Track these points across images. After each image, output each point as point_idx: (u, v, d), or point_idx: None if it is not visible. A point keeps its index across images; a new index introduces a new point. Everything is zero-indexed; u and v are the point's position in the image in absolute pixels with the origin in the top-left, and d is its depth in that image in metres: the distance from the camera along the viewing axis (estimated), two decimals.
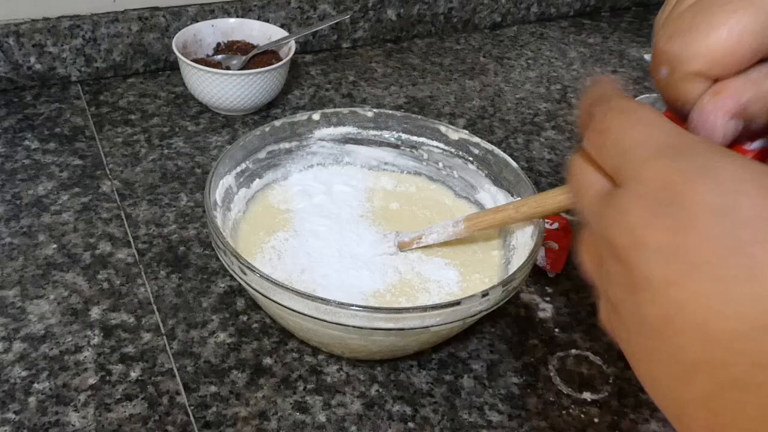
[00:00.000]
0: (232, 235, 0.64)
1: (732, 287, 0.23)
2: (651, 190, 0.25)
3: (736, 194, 0.24)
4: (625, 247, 0.26)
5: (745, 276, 0.23)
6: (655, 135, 0.27)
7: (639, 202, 0.26)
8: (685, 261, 0.24)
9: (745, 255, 0.23)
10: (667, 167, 0.25)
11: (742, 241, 0.23)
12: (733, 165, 0.24)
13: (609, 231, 0.27)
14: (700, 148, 0.25)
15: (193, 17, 0.92)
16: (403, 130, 0.72)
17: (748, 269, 0.23)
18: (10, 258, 0.67)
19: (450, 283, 0.63)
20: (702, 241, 0.24)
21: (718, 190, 0.24)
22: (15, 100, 0.87)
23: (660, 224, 0.25)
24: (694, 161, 0.25)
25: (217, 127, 0.86)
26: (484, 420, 0.58)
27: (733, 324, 0.23)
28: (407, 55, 1.06)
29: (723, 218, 0.23)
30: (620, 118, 0.28)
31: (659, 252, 0.25)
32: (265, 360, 0.60)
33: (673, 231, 0.24)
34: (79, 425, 0.54)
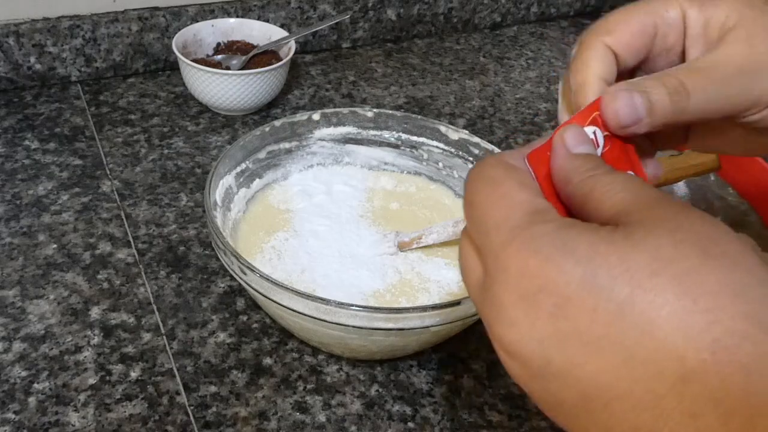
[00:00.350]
0: (232, 235, 0.64)
1: (636, 350, 0.23)
2: (515, 280, 0.25)
3: (596, 261, 0.24)
4: (513, 342, 0.26)
5: (640, 334, 0.23)
6: (512, 215, 0.27)
7: (510, 294, 0.26)
8: (579, 341, 0.24)
9: (632, 314, 0.23)
10: (523, 253, 0.25)
11: (619, 302, 0.23)
12: (583, 233, 0.25)
13: (493, 326, 0.27)
14: (549, 226, 0.26)
15: (193, 17, 0.92)
16: (403, 130, 0.72)
17: (641, 326, 0.23)
18: (10, 258, 0.67)
19: (450, 283, 0.63)
20: (586, 317, 0.24)
21: (578, 263, 0.24)
22: (15, 100, 0.87)
23: (539, 314, 0.25)
24: (548, 241, 0.25)
25: (217, 127, 0.86)
26: (484, 420, 0.58)
27: (653, 386, 0.23)
28: (407, 55, 1.06)
29: (595, 288, 0.24)
30: (486, 193, 0.28)
31: (548, 340, 0.25)
32: (265, 360, 0.60)
33: (554, 317, 0.24)
34: (79, 425, 0.54)
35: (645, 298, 0.23)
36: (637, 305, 0.23)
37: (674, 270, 0.23)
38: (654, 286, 0.23)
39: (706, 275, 0.23)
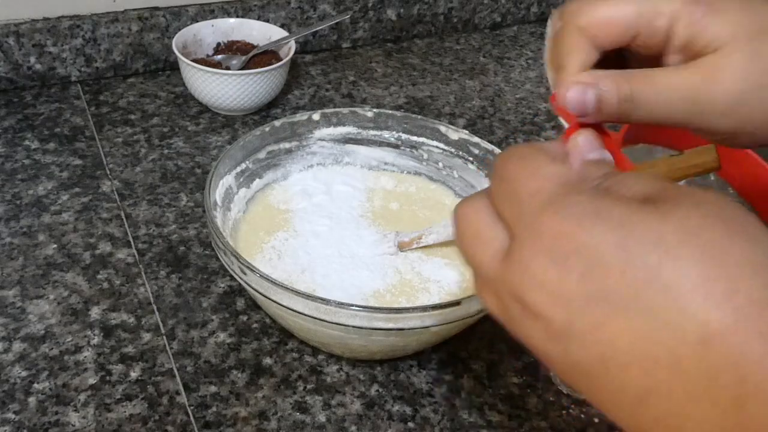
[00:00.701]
0: (232, 235, 0.64)
1: (659, 313, 0.24)
2: (549, 243, 0.26)
3: (627, 228, 0.25)
4: (538, 303, 0.27)
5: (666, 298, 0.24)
6: (545, 185, 0.28)
7: (541, 257, 0.27)
8: (606, 302, 0.25)
9: (660, 279, 0.24)
10: (557, 218, 0.27)
11: (651, 267, 0.24)
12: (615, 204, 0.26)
13: (517, 288, 0.28)
14: (586, 195, 0.27)
15: (193, 17, 0.92)
16: (403, 130, 0.72)
17: (668, 291, 0.24)
18: (10, 258, 0.67)
19: (450, 283, 0.63)
20: (615, 280, 0.25)
21: (611, 229, 0.25)
22: (15, 100, 0.87)
23: (570, 275, 0.26)
24: (582, 208, 0.26)
25: (217, 127, 0.86)
26: (484, 420, 0.58)
27: (674, 347, 0.24)
28: (407, 55, 1.06)
29: (625, 253, 0.25)
30: (518, 167, 0.30)
31: (575, 301, 0.26)
32: (265, 360, 0.60)
33: (584, 278, 0.25)
34: (79, 425, 0.54)
35: (673, 265, 0.24)
36: (664, 271, 0.24)
37: (701, 241, 0.24)
38: (682, 255, 0.24)
39: (729, 248, 0.24)
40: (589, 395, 0.28)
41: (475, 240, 0.30)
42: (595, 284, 0.25)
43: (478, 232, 0.30)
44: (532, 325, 0.28)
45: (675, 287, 0.24)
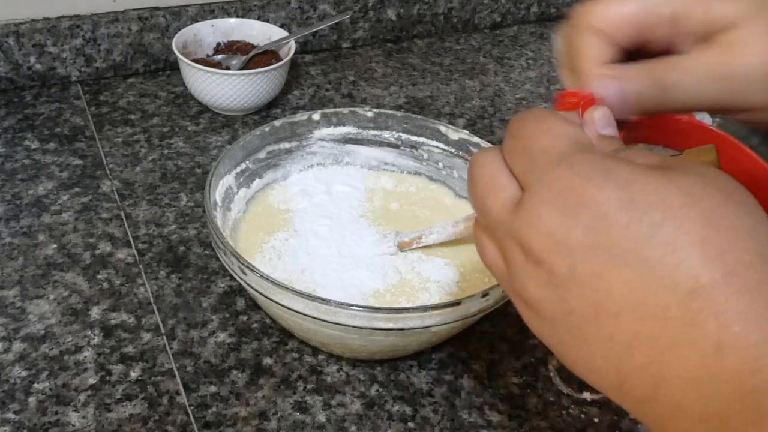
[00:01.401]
0: (232, 235, 0.64)
1: (655, 265, 0.26)
2: (558, 195, 0.28)
3: (634, 187, 0.27)
4: (543, 250, 0.28)
5: (666, 252, 0.26)
6: (558, 144, 0.30)
7: (550, 207, 0.28)
8: (607, 254, 0.27)
9: (660, 234, 0.26)
10: (568, 173, 0.28)
11: (654, 224, 0.26)
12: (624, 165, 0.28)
13: (523, 236, 0.29)
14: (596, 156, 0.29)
15: (193, 17, 0.92)
16: (403, 130, 0.72)
17: (666, 246, 0.26)
18: (10, 258, 0.67)
19: (450, 283, 0.63)
20: (618, 232, 0.27)
21: (618, 187, 0.27)
22: (15, 100, 0.87)
23: (576, 226, 0.28)
24: (592, 166, 0.28)
25: (217, 127, 0.86)
26: (484, 420, 0.58)
27: (664, 297, 0.26)
28: (407, 55, 1.06)
29: (631, 209, 0.27)
30: (533, 126, 0.31)
31: (579, 250, 0.27)
32: (265, 360, 0.60)
33: (590, 229, 0.27)
34: (79, 425, 0.54)
35: (673, 224, 0.26)
36: (665, 228, 0.26)
37: (702, 205, 0.26)
38: (683, 215, 0.26)
39: (726, 215, 0.26)
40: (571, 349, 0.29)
41: (488, 186, 0.31)
42: (599, 236, 0.27)
43: (492, 179, 0.31)
44: (532, 272, 0.29)
45: (673, 244, 0.26)
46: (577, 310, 0.28)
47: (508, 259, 0.31)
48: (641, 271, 0.26)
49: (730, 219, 0.26)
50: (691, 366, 0.25)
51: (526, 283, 0.30)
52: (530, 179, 0.30)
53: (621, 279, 0.27)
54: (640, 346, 0.27)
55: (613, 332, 0.27)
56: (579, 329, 0.28)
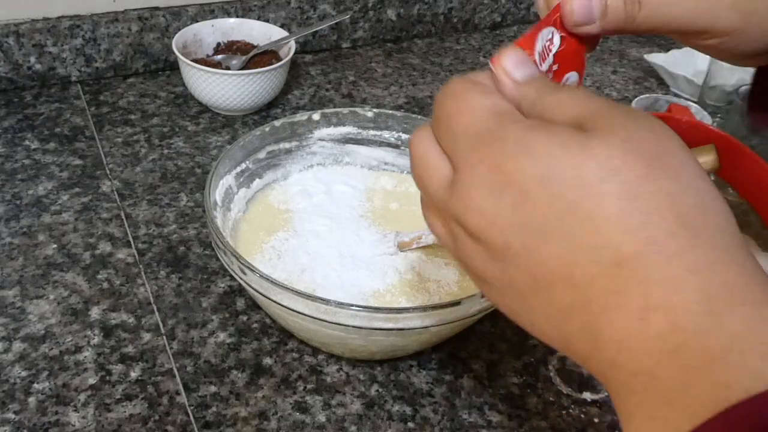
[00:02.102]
0: (232, 235, 0.64)
1: (579, 239, 0.27)
2: (484, 175, 0.29)
3: (552, 163, 0.28)
4: (478, 228, 0.30)
5: (585, 227, 0.27)
6: (477, 121, 0.31)
7: (479, 187, 0.29)
8: (533, 229, 0.28)
9: (580, 212, 0.27)
10: (489, 153, 0.29)
11: (570, 201, 0.27)
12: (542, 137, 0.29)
13: (460, 215, 0.31)
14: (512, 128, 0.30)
15: (193, 17, 0.92)
16: (403, 130, 0.72)
17: (587, 221, 0.27)
18: (10, 258, 0.67)
19: (450, 283, 0.63)
20: (542, 210, 0.28)
21: (537, 165, 0.28)
22: (15, 100, 0.87)
23: (504, 205, 0.29)
24: (510, 142, 0.29)
25: (217, 127, 0.86)
26: (484, 420, 0.58)
27: (590, 268, 0.27)
28: (407, 55, 1.06)
29: (550, 187, 0.28)
30: (452, 105, 0.32)
31: (510, 227, 0.29)
32: (265, 360, 0.60)
33: (516, 208, 0.28)
34: (79, 425, 0.54)
35: (592, 200, 0.27)
36: (584, 204, 0.27)
37: (621, 179, 0.27)
38: (601, 191, 0.27)
39: (647, 184, 0.27)
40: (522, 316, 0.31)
41: (425, 169, 0.33)
42: (526, 214, 0.28)
43: (427, 162, 0.33)
44: (474, 247, 0.31)
45: (594, 219, 0.27)
46: (517, 281, 0.30)
47: (453, 236, 0.32)
48: (567, 245, 0.28)
49: (651, 189, 0.27)
50: (621, 329, 0.27)
51: (472, 257, 0.31)
52: (457, 160, 0.31)
53: (550, 253, 0.28)
54: (575, 313, 0.28)
55: (551, 300, 0.29)
56: (523, 298, 0.30)
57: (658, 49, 1.12)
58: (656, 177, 0.27)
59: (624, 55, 1.12)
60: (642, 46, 1.14)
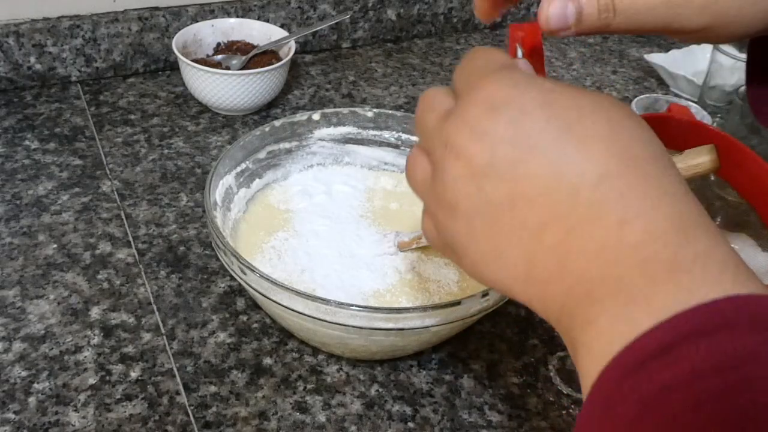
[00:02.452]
0: (232, 235, 0.64)
1: (571, 155, 0.30)
2: (485, 97, 0.32)
3: (553, 94, 0.31)
4: (467, 140, 0.32)
5: (578, 144, 0.30)
6: (491, 63, 0.34)
7: (477, 106, 0.32)
8: (526, 143, 0.30)
9: (574, 130, 0.30)
10: (499, 80, 0.32)
11: (569, 122, 0.30)
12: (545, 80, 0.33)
13: (450, 133, 0.32)
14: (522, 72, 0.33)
15: (193, 17, 0.92)
16: (403, 130, 0.72)
17: (579, 140, 0.30)
18: (10, 258, 0.67)
19: (450, 283, 0.63)
20: (539, 126, 0.30)
21: (540, 92, 0.31)
22: (15, 100, 0.87)
23: (500, 120, 0.31)
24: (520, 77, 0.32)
25: (217, 127, 0.86)
26: (484, 420, 0.58)
27: (576, 181, 0.30)
28: (407, 55, 1.06)
29: (550, 108, 0.31)
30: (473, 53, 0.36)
31: (501, 141, 0.31)
32: (265, 360, 0.60)
33: (512, 123, 0.31)
34: (79, 425, 0.54)
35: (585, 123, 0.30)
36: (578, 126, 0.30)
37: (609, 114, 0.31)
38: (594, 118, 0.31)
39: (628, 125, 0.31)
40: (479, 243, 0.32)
41: (427, 108, 0.35)
42: (520, 129, 0.31)
43: (431, 102, 0.35)
44: (453, 165, 0.32)
45: (584, 138, 0.30)
46: (494, 199, 0.31)
47: (434, 164, 0.34)
48: (557, 159, 0.30)
49: (630, 128, 0.31)
50: (596, 239, 0.29)
51: (447, 181, 0.33)
52: (467, 88, 0.33)
53: (538, 166, 0.30)
54: (550, 228, 0.30)
55: (526, 217, 0.31)
56: (494, 219, 0.31)
57: (658, 49, 1.12)
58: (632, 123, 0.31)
59: (624, 55, 1.12)
60: (642, 46, 1.14)
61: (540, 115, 0.31)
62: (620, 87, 1.04)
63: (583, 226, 0.29)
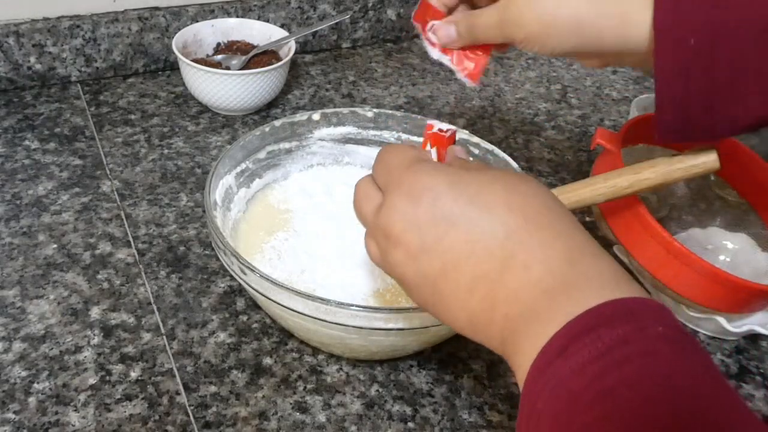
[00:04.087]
0: (232, 235, 0.64)
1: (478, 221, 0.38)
2: (407, 188, 0.40)
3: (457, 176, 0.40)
4: (400, 231, 0.40)
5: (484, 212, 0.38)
6: (406, 158, 0.42)
7: (402, 198, 0.40)
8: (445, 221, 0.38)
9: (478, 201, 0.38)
10: (412, 173, 0.41)
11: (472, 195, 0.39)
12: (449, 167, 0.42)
13: (386, 225, 0.41)
14: (431, 162, 0.42)
15: (193, 17, 0.92)
16: (403, 130, 0.72)
17: (483, 208, 0.38)
18: (10, 258, 0.67)
19: None
20: (450, 204, 0.39)
21: (447, 175, 0.40)
22: (15, 100, 0.87)
23: (421, 205, 0.39)
24: (429, 167, 0.41)
25: (217, 127, 0.86)
26: (484, 420, 0.58)
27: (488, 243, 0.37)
28: (407, 55, 1.06)
29: (456, 187, 0.39)
30: (389, 151, 0.44)
31: (425, 224, 0.39)
32: (265, 360, 0.60)
33: (431, 205, 0.39)
34: (79, 425, 0.54)
35: (485, 192, 0.39)
36: (481, 197, 0.38)
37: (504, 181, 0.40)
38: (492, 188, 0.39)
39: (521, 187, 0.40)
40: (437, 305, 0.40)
41: (363, 200, 0.44)
42: (437, 209, 0.39)
43: (366, 193, 0.44)
44: (395, 252, 0.41)
45: (488, 205, 0.38)
46: (429, 272, 0.39)
47: (381, 250, 0.42)
48: (470, 228, 0.38)
49: (525, 190, 0.39)
50: (512, 283, 0.37)
51: (395, 264, 0.41)
52: (389, 184, 0.41)
53: (457, 238, 0.38)
54: (478, 286, 0.38)
55: (458, 281, 0.38)
56: (434, 287, 0.39)
57: None
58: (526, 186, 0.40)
59: None
60: None
61: (450, 195, 0.39)
62: (620, 87, 1.04)
63: (501, 276, 0.37)
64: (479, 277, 0.37)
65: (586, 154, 0.89)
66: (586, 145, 0.91)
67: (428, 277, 0.39)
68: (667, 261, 0.59)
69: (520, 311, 0.36)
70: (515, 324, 0.36)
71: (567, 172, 0.86)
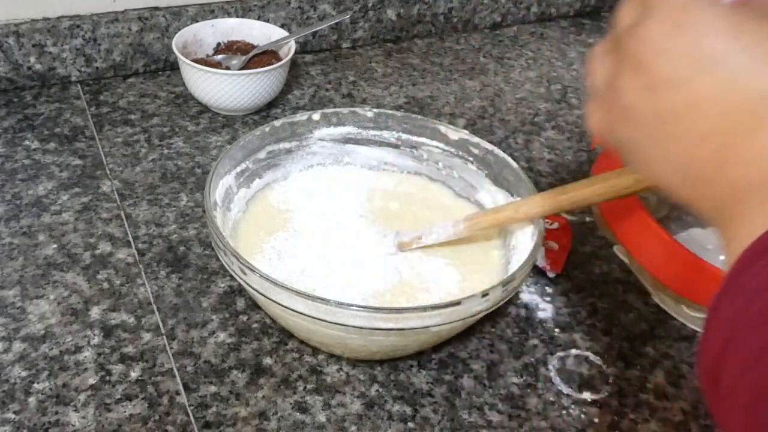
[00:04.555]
0: (232, 235, 0.64)
1: (744, 73, 0.33)
2: (672, 13, 0.35)
3: (737, 18, 0.33)
4: (652, 54, 0.35)
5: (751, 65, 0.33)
6: None
7: (662, 22, 0.35)
8: (706, 61, 0.33)
9: (756, 50, 0.33)
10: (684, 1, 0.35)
11: (749, 43, 0.33)
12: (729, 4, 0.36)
13: (634, 45, 0.36)
14: None
15: (193, 17, 0.92)
16: (403, 130, 0.72)
17: (755, 60, 0.33)
18: (10, 258, 0.67)
19: (450, 283, 0.63)
20: (724, 44, 0.33)
21: (723, 14, 0.34)
22: (15, 100, 0.87)
23: (685, 37, 0.34)
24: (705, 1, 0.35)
25: (217, 127, 0.86)
26: (484, 420, 0.58)
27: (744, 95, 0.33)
28: (407, 55, 1.06)
29: (733, 30, 0.33)
30: None
31: (682, 57, 0.34)
32: (265, 360, 0.60)
33: (698, 39, 0.34)
34: (79, 425, 0.54)
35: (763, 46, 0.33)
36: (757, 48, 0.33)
37: None
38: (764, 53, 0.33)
39: None
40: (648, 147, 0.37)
41: (620, 17, 0.38)
42: (707, 46, 0.34)
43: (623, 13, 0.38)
44: (633, 77, 0.36)
45: (757, 58, 0.33)
46: (664, 108, 0.35)
47: (616, 72, 0.37)
48: (732, 76, 0.33)
49: None
50: (758, 145, 0.32)
51: (625, 88, 0.36)
52: (652, 5, 0.36)
53: (714, 81, 0.33)
54: (717, 136, 0.34)
55: (694, 125, 0.34)
56: (662, 126, 0.35)
57: None
58: None
59: None
60: None
61: (728, 33, 0.33)
62: None
63: (745, 135, 0.33)
64: (721, 128, 0.33)
65: (586, 154, 0.89)
66: (586, 145, 0.91)
67: (660, 114, 0.35)
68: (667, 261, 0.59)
69: (761, 179, 0.32)
70: (745, 191, 0.33)
71: (567, 172, 0.86)
